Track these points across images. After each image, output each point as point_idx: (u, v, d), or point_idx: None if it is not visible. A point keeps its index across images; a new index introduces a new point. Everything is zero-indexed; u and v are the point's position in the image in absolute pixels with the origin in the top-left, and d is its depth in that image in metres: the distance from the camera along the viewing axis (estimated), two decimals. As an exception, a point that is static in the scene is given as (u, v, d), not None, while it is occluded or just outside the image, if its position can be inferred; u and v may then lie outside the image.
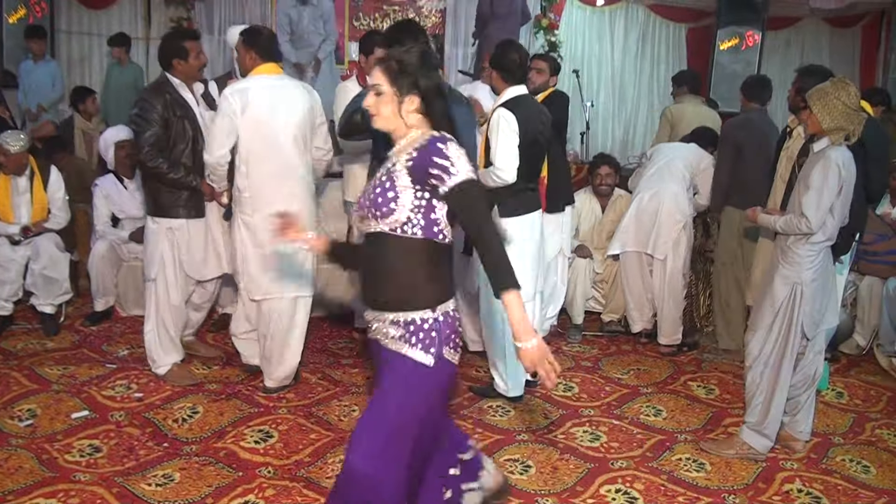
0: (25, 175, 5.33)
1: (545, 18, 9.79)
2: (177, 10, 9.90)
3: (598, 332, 5.78)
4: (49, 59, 8.37)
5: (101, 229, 5.61)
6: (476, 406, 4.43)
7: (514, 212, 4.32)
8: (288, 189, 4.27)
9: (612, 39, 10.38)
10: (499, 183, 4.20)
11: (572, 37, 10.12)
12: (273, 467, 3.69)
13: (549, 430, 4.18)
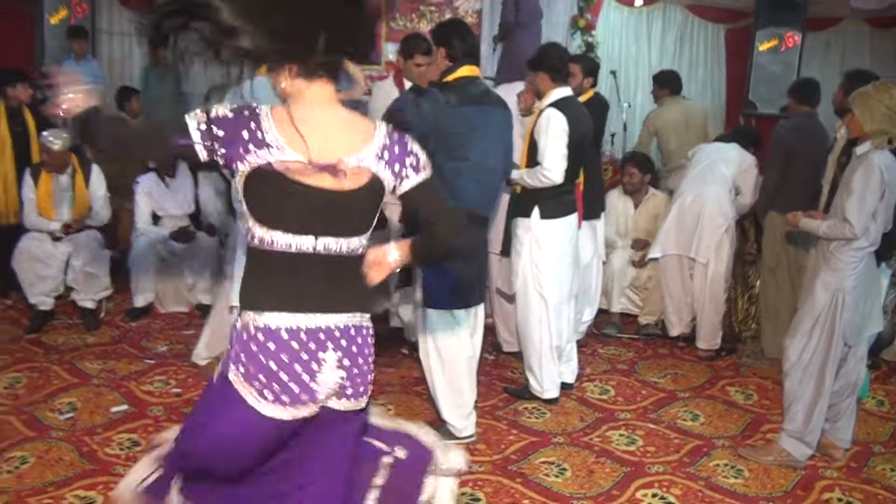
0: (67, 173, 5.41)
1: (582, 19, 9.73)
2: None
3: (634, 336, 5.75)
4: (90, 59, 8.48)
5: (142, 227, 5.67)
6: (511, 407, 4.42)
7: (552, 214, 4.31)
8: None
9: (649, 40, 10.31)
10: (545, 184, 4.19)
11: (609, 37, 10.06)
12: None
13: (585, 433, 4.16)
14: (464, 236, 2.37)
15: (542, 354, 4.38)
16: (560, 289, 4.42)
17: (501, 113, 3.94)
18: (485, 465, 3.77)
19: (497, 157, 3.92)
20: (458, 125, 3.75)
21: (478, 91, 3.88)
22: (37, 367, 4.71)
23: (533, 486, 3.60)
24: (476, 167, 3.80)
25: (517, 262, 4.40)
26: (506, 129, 3.98)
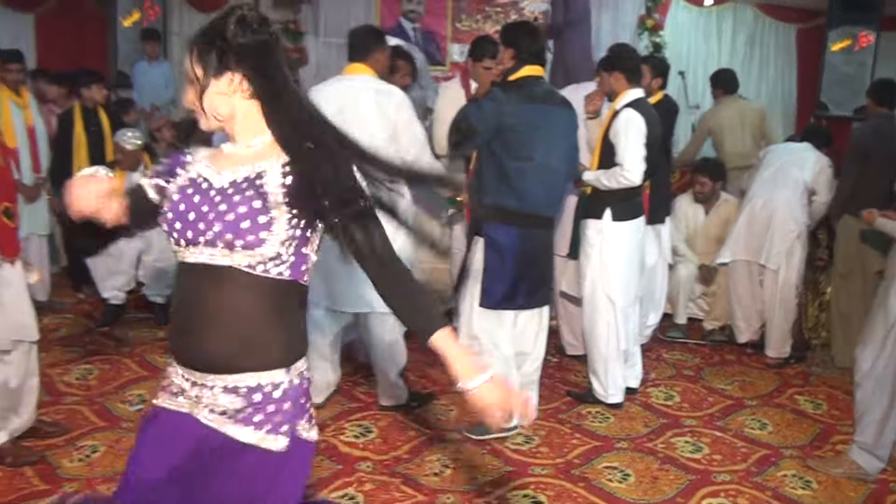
0: (140, 171, 5.53)
1: (650, 19, 9.61)
2: (284, 12, 10.15)
3: (700, 341, 5.65)
4: (162, 61, 8.68)
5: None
6: (574, 411, 4.39)
7: (624, 216, 4.27)
8: None
9: (719, 40, 10.12)
10: (624, 185, 4.15)
11: (678, 38, 9.91)
12: (372, 462, 3.74)
13: (649, 439, 4.11)
14: None
15: (607, 358, 4.34)
16: (627, 292, 4.37)
17: (566, 113, 3.93)
18: (547, 468, 3.75)
19: (561, 157, 3.90)
20: (521, 124, 3.75)
21: (541, 91, 3.89)
22: (108, 360, 4.84)
23: (596, 492, 3.56)
24: (540, 168, 3.81)
25: (586, 264, 4.36)
26: (570, 129, 3.96)
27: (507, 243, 3.85)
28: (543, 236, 3.98)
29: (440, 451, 3.87)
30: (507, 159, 3.80)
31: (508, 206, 3.82)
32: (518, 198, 3.83)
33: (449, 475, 3.66)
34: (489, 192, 3.86)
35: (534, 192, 3.82)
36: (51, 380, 4.51)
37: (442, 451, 3.86)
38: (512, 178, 3.80)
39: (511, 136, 3.76)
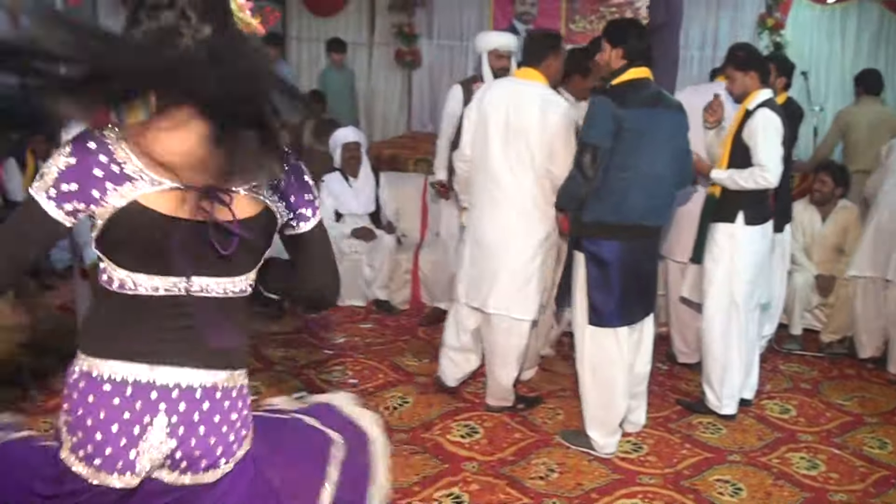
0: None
1: (771, 18, 9.32)
2: (399, 16, 10.31)
3: (818, 353, 5.42)
4: (282, 65, 8.88)
5: (326, 223, 5.89)
6: (684, 420, 4.28)
7: (757, 219, 4.15)
8: (499, 214, 4.08)
9: (842, 39, 9.69)
10: (761, 185, 4.02)
11: (800, 37, 9.56)
12: (477, 462, 3.75)
13: (763, 453, 3.97)
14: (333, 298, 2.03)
15: (726, 366, 4.21)
16: (753, 298, 4.25)
17: (673, 116, 3.77)
18: (655, 477, 3.68)
19: (665, 163, 3.73)
20: (629, 132, 3.60)
21: (648, 94, 3.73)
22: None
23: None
24: (643, 176, 3.67)
25: (714, 268, 4.20)
26: (677, 132, 3.79)
27: (610, 258, 3.71)
28: (647, 246, 3.85)
29: (546, 454, 3.85)
30: (610, 170, 3.64)
31: (608, 220, 3.69)
32: (617, 210, 3.69)
33: (555, 479, 3.63)
34: (587, 206, 3.72)
35: (634, 204, 3.68)
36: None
37: (548, 455, 3.84)
38: (612, 191, 3.66)
39: (619, 144, 3.60)
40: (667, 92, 4.03)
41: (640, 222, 3.73)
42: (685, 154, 3.85)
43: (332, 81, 8.64)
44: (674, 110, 3.79)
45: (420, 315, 5.79)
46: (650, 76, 3.77)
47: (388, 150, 7.28)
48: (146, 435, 1.64)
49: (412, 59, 10.46)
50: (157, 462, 1.66)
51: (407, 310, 5.91)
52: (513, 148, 3.95)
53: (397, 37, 10.39)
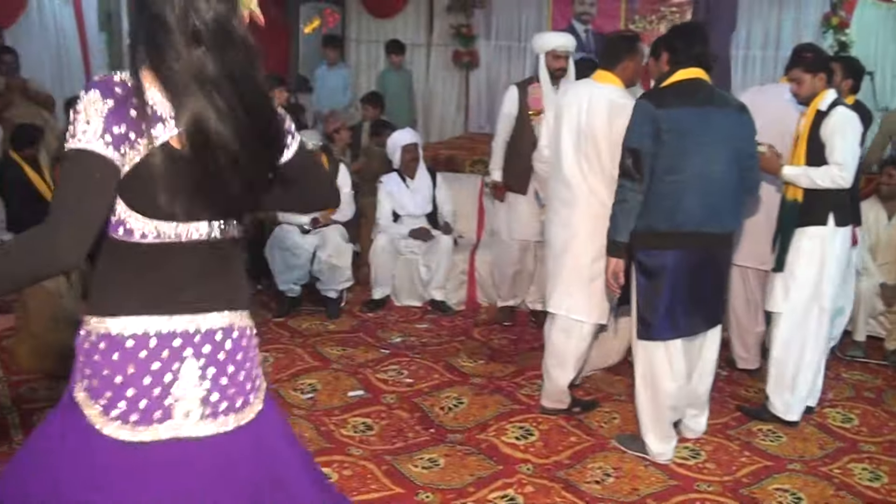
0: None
1: (835, 17, 9.11)
2: (458, 17, 10.32)
3: (882, 361, 5.27)
4: (342, 66, 8.93)
5: (384, 224, 5.94)
6: (744, 427, 4.19)
7: (844, 221, 4.03)
8: (569, 215, 4.05)
9: (909, 39, 9.45)
10: (838, 185, 3.88)
11: (865, 36, 9.31)
12: (532, 465, 3.73)
13: (824, 463, 3.86)
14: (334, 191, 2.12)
15: (798, 372, 4.09)
16: (836, 302, 4.17)
17: (728, 115, 3.59)
18: (714, 485, 3.61)
19: (725, 165, 3.55)
20: (665, 132, 3.47)
21: (698, 93, 3.58)
22: (283, 349, 5.07)
23: (765, 512, 3.42)
24: (698, 179, 3.50)
25: (803, 274, 4.03)
26: (738, 131, 3.60)
27: (661, 268, 3.57)
28: (710, 255, 3.66)
29: (602, 458, 3.81)
30: (660, 173, 3.50)
31: (659, 227, 3.55)
32: (670, 216, 3.53)
33: (610, 484, 3.60)
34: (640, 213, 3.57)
35: (688, 209, 3.51)
36: (231, 365, 4.78)
37: (604, 460, 3.80)
38: (662, 196, 3.52)
39: (662, 146, 3.48)
40: (725, 93, 3.89)
41: (698, 229, 3.55)
42: (748, 157, 3.66)
43: (391, 83, 8.67)
44: (730, 110, 3.62)
45: (476, 315, 5.81)
46: (703, 76, 3.62)
47: (445, 151, 7.31)
48: (178, 381, 1.68)
49: (470, 60, 10.47)
50: (194, 408, 1.70)
51: (463, 310, 5.92)
52: (583, 151, 3.92)
53: (455, 38, 10.41)
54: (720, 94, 3.71)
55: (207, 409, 1.72)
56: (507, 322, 5.62)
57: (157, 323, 1.66)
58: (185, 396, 1.69)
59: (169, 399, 1.67)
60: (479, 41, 10.48)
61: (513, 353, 5.06)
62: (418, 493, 3.45)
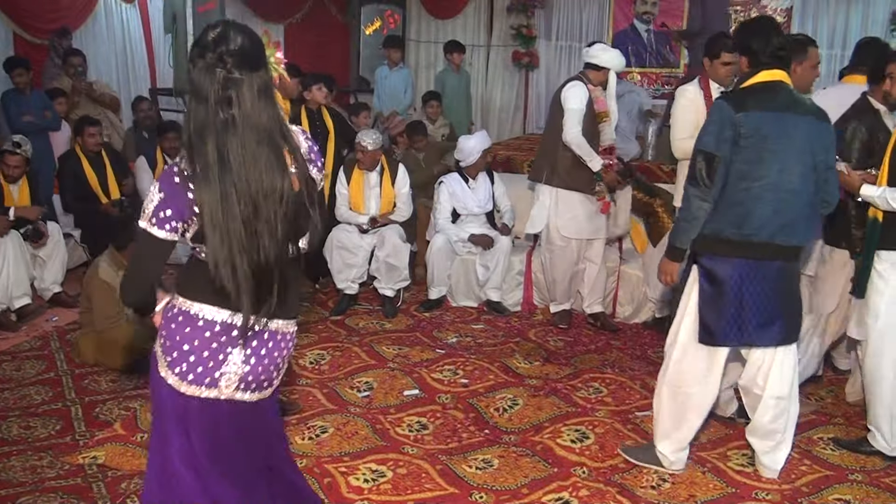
0: (377, 171, 5.81)
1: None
2: (518, 17, 10.31)
3: None
4: (403, 66, 8.93)
5: (441, 223, 5.94)
6: (805, 436, 4.07)
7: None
8: None
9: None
10: None
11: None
12: (588, 468, 3.70)
13: (887, 474, 3.74)
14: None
15: (894, 405, 3.80)
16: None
17: (811, 123, 3.36)
18: (772, 493, 3.54)
19: (799, 175, 3.34)
20: (750, 137, 3.28)
21: (783, 98, 3.35)
22: (339, 347, 5.12)
23: (826, 523, 3.34)
24: (774, 189, 3.31)
25: (879, 301, 3.74)
26: (816, 141, 3.36)
27: (726, 276, 3.39)
28: (779, 268, 3.44)
29: (658, 463, 3.77)
30: (733, 178, 3.32)
31: (727, 234, 3.37)
32: (740, 224, 3.35)
33: (667, 489, 3.55)
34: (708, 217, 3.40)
35: (762, 218, 3.32)
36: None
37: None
38: (736, 202, 3.33)
39: (738, 152, 3.29)
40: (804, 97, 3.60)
41: (770, 240, 3.35)
42: (827, 168, 3.43)
43: (449, 83, 8.68)
44: (812, 117, 3.37)
45: (531, 317, 5.80)
46: (785, 79, 3.40)
47: (503, 151, 7.28)
48: (227, 362, 2.23)
49: (529, 61, 10.44)
50: (233, 383, 2.25)
51: (519, 311, 5.90)
52: None
53: (516, 38, 10.39)
54: (800, 98, 3.46)
55: (242, 384, 2.27)
56: (563, 325, 5.58)
57: (223, 315, 2.20)
58: (229, 373, 2.24)
59: (217, 373, 2.22)
60: (539, 41, 10.45)
61: (569, 355, 5.02)
62: (472, 494, 3.45)
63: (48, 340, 5.15)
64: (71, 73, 7.58)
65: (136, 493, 3.37)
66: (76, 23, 8.80)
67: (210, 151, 2.02)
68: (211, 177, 2.02)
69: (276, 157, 2.08)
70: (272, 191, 2.07)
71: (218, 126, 2.02)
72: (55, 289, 5.81)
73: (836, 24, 9.37)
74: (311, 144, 2.29)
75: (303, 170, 2.18)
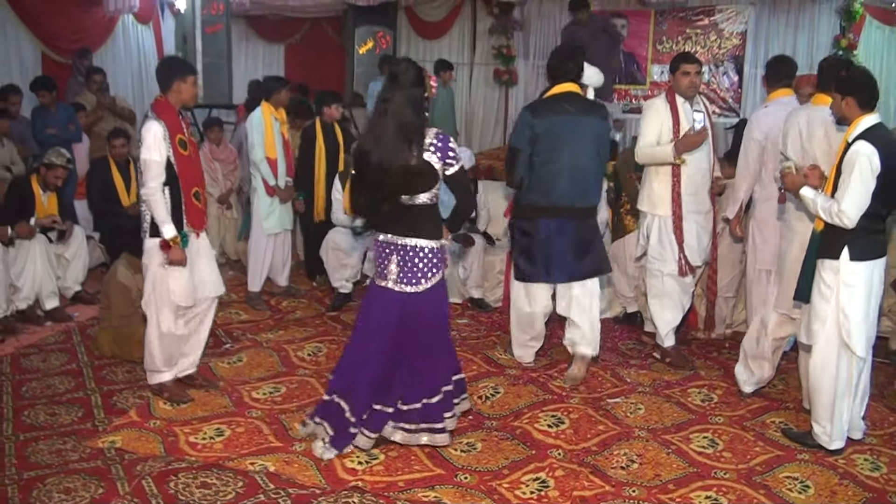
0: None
1: (844, 38, 8.95)
2: (498, 38, 10.32)
3: (884, 360, 4.98)
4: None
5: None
6: (759, 420, 4.11)
7: (864, 255, 3.60)
8: None
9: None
10: (835, 223, 3.53)
11: (872, 57, 9.12)
12: (563, 451, 3.71)
13: (830, 454, 3.78)
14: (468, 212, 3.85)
15: (834, 408, 3.75)
16: (866, 339, 3.72)
17: (593, 120, 4.35)
18: (730, 472, 3.57)
19: (587, 157, 4.34)
20: (543, 135, 4.27)
21: (571, 104, 4.31)
22: (335, 340, 5.11)
23: (776, 500, 3.35)
24: (567, 166, 4.29)
25: (823, 307, 3.69)
26: (599, 133, 4.38)
27: (537, 232, 4.42)
28: (575, 225, 4.40)
29: (628, 446, 3.78)
30: (538, 163, 4.31)
31: (540, 202, 4.38)
32: (548, 194, 4.35)
33: (635, 470, 3.57)
34: (525, 192, 4.44)
35: (562, 188, 4.32)
36: (287, 354, 4.83)
37: (629, 447, 3.77)
38: (544, 179, 4.33)
39: (538, 145, 4.28)
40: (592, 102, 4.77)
41: (570, 204, 4.36)
42: (605, 150, 4.50)
43: (440, 98, 8.67)
44: (595, 116, 4.40)
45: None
46: (575, 89, 4.39)
47: (485, 161, 7.29)
48: (389, 266, 3.54)
49: (509, 78, 10.46)
50: (393, 278, 3.52)
51: (500, 307, 5.90)
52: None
53: (496, 57, 10.41)
54: (585, 102, 4.51)
55: (398, 279, 3.52)
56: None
57: (387, 238, 3.54)
58: (391, 273, 3.54)
59: (385, 272, 3.55)
60: (518, 60, 10.47)
61: (546, 347, 5.03)
62: (457, 475, 3.46)
63: (70, 335, 5.12)
64: (94, 88, 7.56)
65: (150, 474, 3.37)
66: (97, 42, 8.81)
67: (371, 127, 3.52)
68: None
69: (402, 140, 3.36)
70: (391, 160, 3.35)
71: (379, 110, 3.43)
72: (76, 287, 5.78)
73: (785, 47, 9.45)
74: (439, 142, 3.43)
75: (419, 154, 3.37)
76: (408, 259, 3.48)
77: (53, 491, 3.24)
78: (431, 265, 3.51)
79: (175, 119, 3.95)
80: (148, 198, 3.87)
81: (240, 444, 3.68)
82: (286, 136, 5.78)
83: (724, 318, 5.32)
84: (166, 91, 3.98)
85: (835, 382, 3.71)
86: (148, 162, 3.85)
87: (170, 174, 3.88)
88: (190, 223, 3.99)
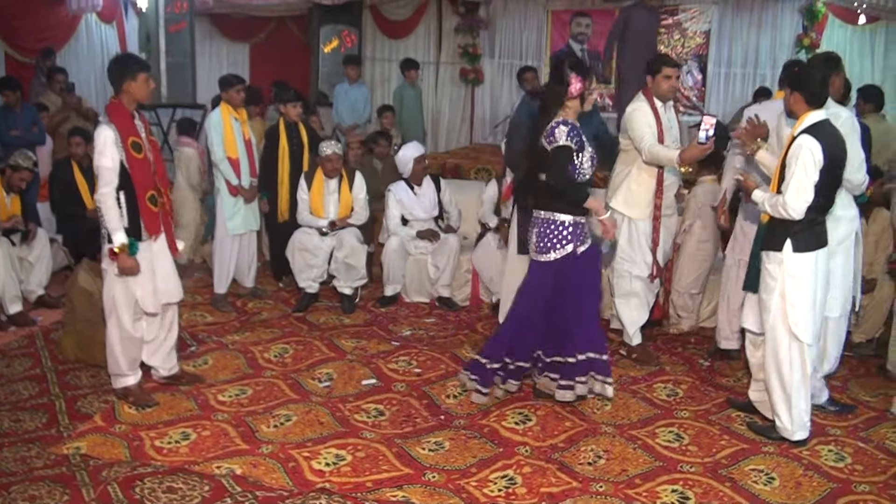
0: (336, 178, 5.77)
1: (807, 37, 9.09)
2: (464, 37, 10.32)
3: (848, 353, 5.10)
4: (362, 83, 8.87)
5: (392, 227, 5.92)
6: (724, 414, 4.17)
7: (804, 247, 3.69)
8: None
9: (872, 58, 9.37)
10: (783, 217, 3.63)
11: (833, 55, 9.28)
12: (530, 447, 3.73)
13: (795, 445, 3.85)
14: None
15: (790, 398, 3.83)
16: (812, 327, 3.78)
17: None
18: (695, 466, 3.61)
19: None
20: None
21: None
22: (301, 341, 5.08)
23: (741, 492, 3.41)
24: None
25: (768, 298, 3.79)
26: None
27: None
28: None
29: (594, 442, 3.81)
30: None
31: None
32: None
33: (602, 465, 3.60)
34: None
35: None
36: (253, 356, 4.79)
37: (596, 443, 3.80)
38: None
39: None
40: None
41: None
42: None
43: (407, 97, 8.66)
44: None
45: (479, 311, 5.82)
46: None
47: (452, 160, 7.31)
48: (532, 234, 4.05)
49: (475, 77, 10.47)
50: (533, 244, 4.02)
51: (467, 306, 5.92)
52: None
53: (462, 56, 10.41)
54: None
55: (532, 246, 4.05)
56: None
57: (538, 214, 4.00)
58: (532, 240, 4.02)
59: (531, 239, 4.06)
60: (483, 59, 10.48)
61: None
62: (425, 474, 3.46)
63: (34, 339, 5.03)
64: (57, 88, 7.45)
65: (115, 480, 3.32)
66: (60, 41, 8.67)
67: None
68: None
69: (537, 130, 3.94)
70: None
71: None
72: (40, 291, 5.67)
73: (749, 46, 9.58)
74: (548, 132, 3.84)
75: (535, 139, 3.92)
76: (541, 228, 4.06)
77: (18, 499, 3.19)
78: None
79: (128, 121, 3.89)
80: (100, 204, 3.81)
81: (206, 448, 3.64)
82: (248, 135, 5.72)
83: (692, 312, 5.38)
84: (118, 92, 3.93)
85: (789, 373, 3.78)
86: (100, 168, 3.80)
87: (124, 178, 3.82)
88: (146, 228, 3.92)
